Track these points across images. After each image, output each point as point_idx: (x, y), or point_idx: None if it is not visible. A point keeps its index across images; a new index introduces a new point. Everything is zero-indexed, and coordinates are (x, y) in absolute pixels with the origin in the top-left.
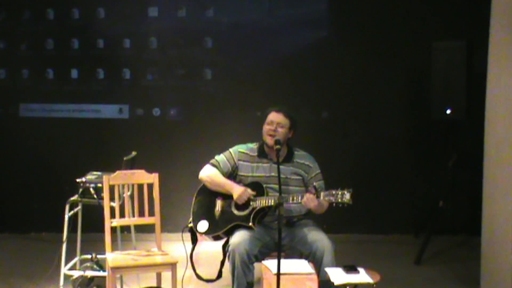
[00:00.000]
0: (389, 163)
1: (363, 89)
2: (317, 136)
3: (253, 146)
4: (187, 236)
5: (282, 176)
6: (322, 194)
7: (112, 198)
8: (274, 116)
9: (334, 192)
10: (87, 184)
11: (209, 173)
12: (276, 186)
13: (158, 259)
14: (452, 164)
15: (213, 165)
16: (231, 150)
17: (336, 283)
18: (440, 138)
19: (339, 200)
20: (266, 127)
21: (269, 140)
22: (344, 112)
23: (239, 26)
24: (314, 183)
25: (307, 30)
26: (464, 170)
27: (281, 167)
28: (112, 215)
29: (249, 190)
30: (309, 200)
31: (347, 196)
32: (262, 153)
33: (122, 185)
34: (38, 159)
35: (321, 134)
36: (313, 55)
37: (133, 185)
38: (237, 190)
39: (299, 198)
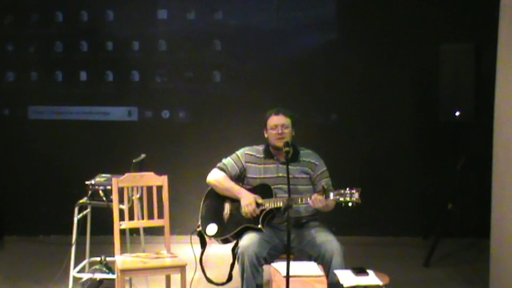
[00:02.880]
0: (397, 166)
1: (372, 91)
2: (326, 139)
3: (259, 148)
4: (196, 238)
5: (289, 176)
6: (331, 194)
7: (121, 201)
8: (276, 120)
9: (342, 191)
10: (96, 187)
11: (217, 177)
12: (284, 186)
13: (167, 261)
14: (461, 167)
15: (221, 169)
16: (238, 152)
17: (345, 285)
18: (449, 141)
19: (348, 199)
20: (271, 132)
21: (280, 143)
22: (353, 114)
23: (247, 28)
24: (323, 183)
25: (315, 33)
26: (473, 172)
27: (288, 167)
28: (121, 218)
29: (258, 200)
30: (316, 201)
31: (356, 195)
32: (268, 154)
33: (131, 187)
34: (47, 161)
35: (330, 137)
36: (321, 57)
37: (142, 188)
38: (244, 199)
39: (308, 199)
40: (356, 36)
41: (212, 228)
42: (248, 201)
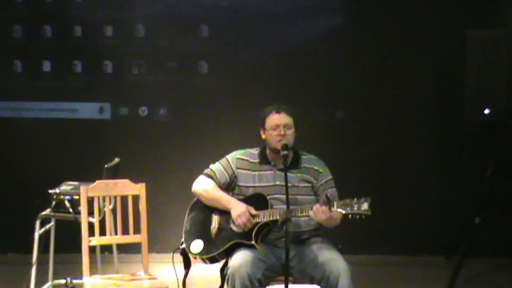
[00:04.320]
0: (415, 172)
1: (384, 85)
2: (330, 140)
3: (254, 151)
4: (178, 257)
5: (288, 184)
6: (335, 204)
7: (91, 213)
8: (277, 119)
9: (349, 201)
10: (62, 196)
11: (203, 186)
12: (282, 196)
13: (145, 284)
14: (490, 173)
15: (209, 176)
16: (228, 157)
17: None
18: (476, 143)
19: (356, 211)
20: (272, 133)
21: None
22: (362, 112)
23: (240, 12)
24: (326, 192)
25: (319, 17)
26: (505, 180)
27: (287, 174)
28: (91, 233)
29: (252, 211)
30: (318, 213)
31: (365, 205)
32: (264, 159)
33: (103, 197)
34: (3, 166)
35: (335, 138)
36: (326, 46)
37: (115, 197)
38: (236, 209)
39: (309, 210)
40: (366, 21)
41: (197, 245)
42: (239, 211)
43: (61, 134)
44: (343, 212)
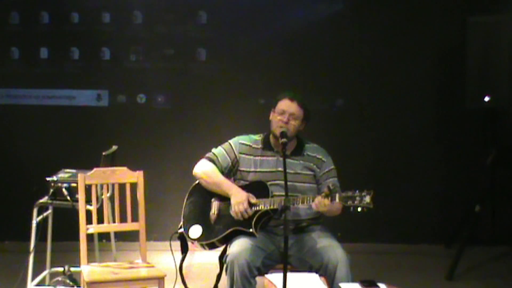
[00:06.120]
0: (415, 160)
1: (385, 73)
2: (330, 128)
3: (257, 137)
4: (176, 245)
5: (290, 171)
6: (337, 197)
7: (88, 200)
8: (287, 106)
9: (351, 194)
10: (59, 184)
11: (205, 169)
12: (283, 183)
13: (143, 272)
14: (491, 162)
15: (210, 160)
16: (230, 141)
17: None
18: (477, 131)
19: (358, 203)
20: (276, 118)
21: (278, 132)
22: (362, 100)
23: None
24: (329, 184)
25: (318, 3)
26: (505, 168)
27: (289, 161)
28: (89, 221)
29: (250, 198)
30: (320, 205)
31: (367, 198)
32: (267, 145)
33: (101, 185)
34: (1, 154)
35: (335, 126)
36: (325, 32)
37: (113, 185)
38: (235, 197)
39: (310, 201)
40: (367, 6)
41: (196, 230)
42: (239, 198)
43: (58, 122)
44: (345, 204)
